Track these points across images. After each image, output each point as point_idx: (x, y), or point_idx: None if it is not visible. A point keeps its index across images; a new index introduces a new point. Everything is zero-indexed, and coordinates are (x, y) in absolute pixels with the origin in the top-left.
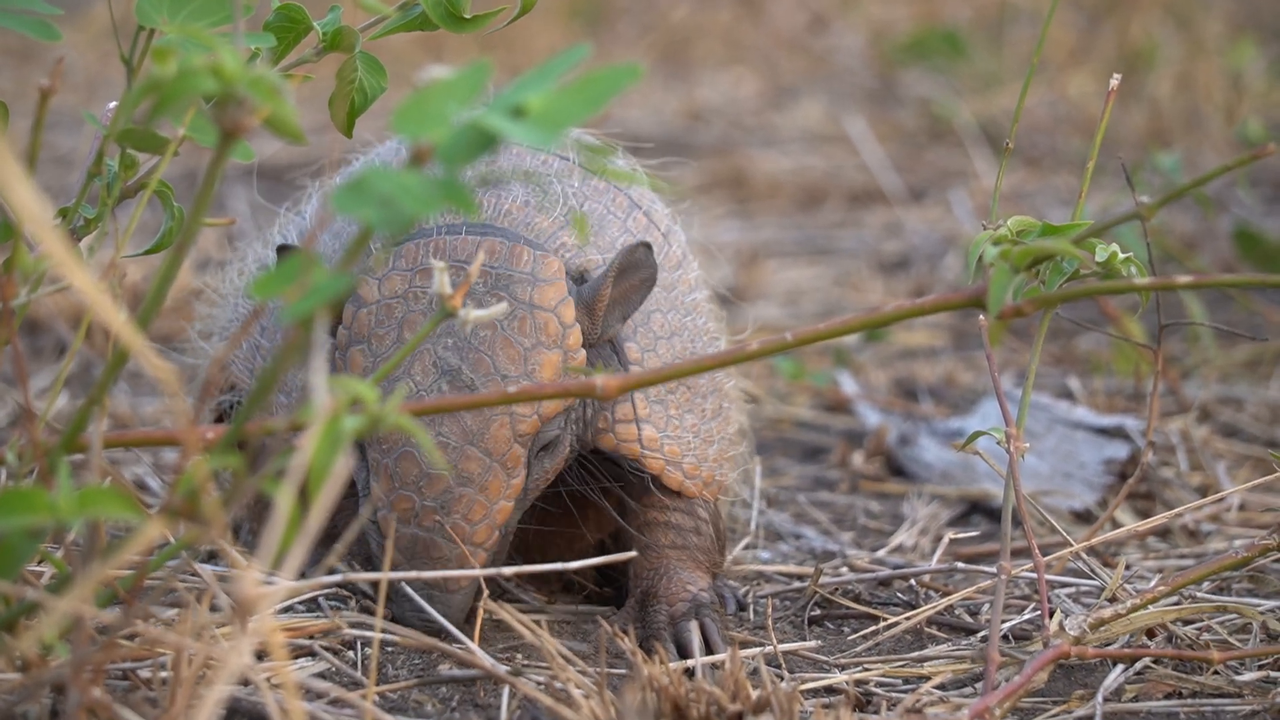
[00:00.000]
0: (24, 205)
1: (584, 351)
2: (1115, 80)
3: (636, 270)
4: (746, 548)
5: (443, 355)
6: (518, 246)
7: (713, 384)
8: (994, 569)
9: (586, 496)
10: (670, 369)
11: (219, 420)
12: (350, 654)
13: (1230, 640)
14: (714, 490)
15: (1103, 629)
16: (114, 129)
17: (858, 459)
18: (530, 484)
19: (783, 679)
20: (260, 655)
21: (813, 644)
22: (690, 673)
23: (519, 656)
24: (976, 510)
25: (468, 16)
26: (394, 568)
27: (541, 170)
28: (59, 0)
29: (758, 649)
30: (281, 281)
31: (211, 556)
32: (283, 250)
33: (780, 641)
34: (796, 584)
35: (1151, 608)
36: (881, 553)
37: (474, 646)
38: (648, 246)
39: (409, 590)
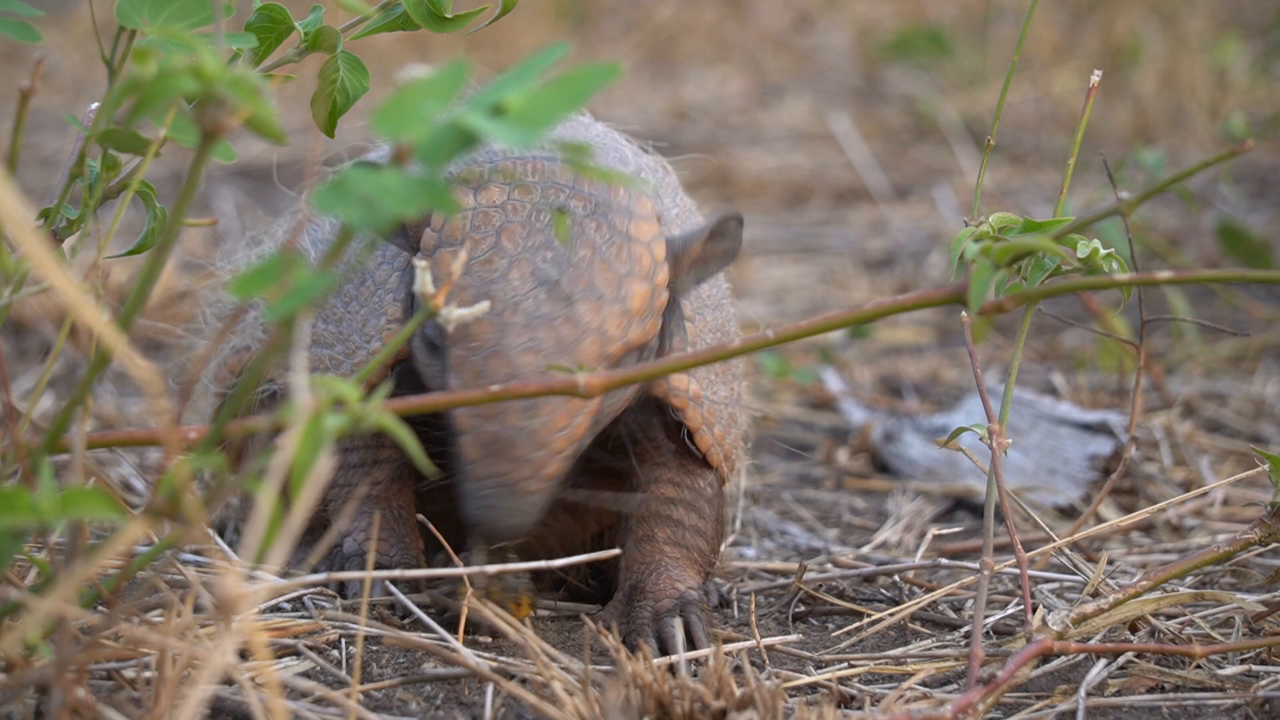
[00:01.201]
0: (4, 206)
1: (667, 294)
2: (1096, 77)
3: (724, 239)
4: (731, 544)
5: (541, 266)
6: (615, 183)
7: (738, 368)
8: (977, 565)
9: (589, 485)
10: (654, 366)
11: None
12: (335, 653)
13: (1212, 634)
14: (730, 465)
15: (1085, 624)
16: (95, 130)
17: (842, 456)
18: (602, 412)
19: (766, 675)
20: (244, 654)
21: (795, 638)
22: (674, 670)
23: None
24: (961, 506)
25: (449, 16)
26: (470, 462)
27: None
28: (43, 1)
29: (742, 644)
30: (263, 280)
31: (199, 554)
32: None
33: (764, 638)
34: (781, 581)
35: (1133, 602)
36: (866, 549)
37: (458, 644)
38: (739, 220)
39: (479, 488)
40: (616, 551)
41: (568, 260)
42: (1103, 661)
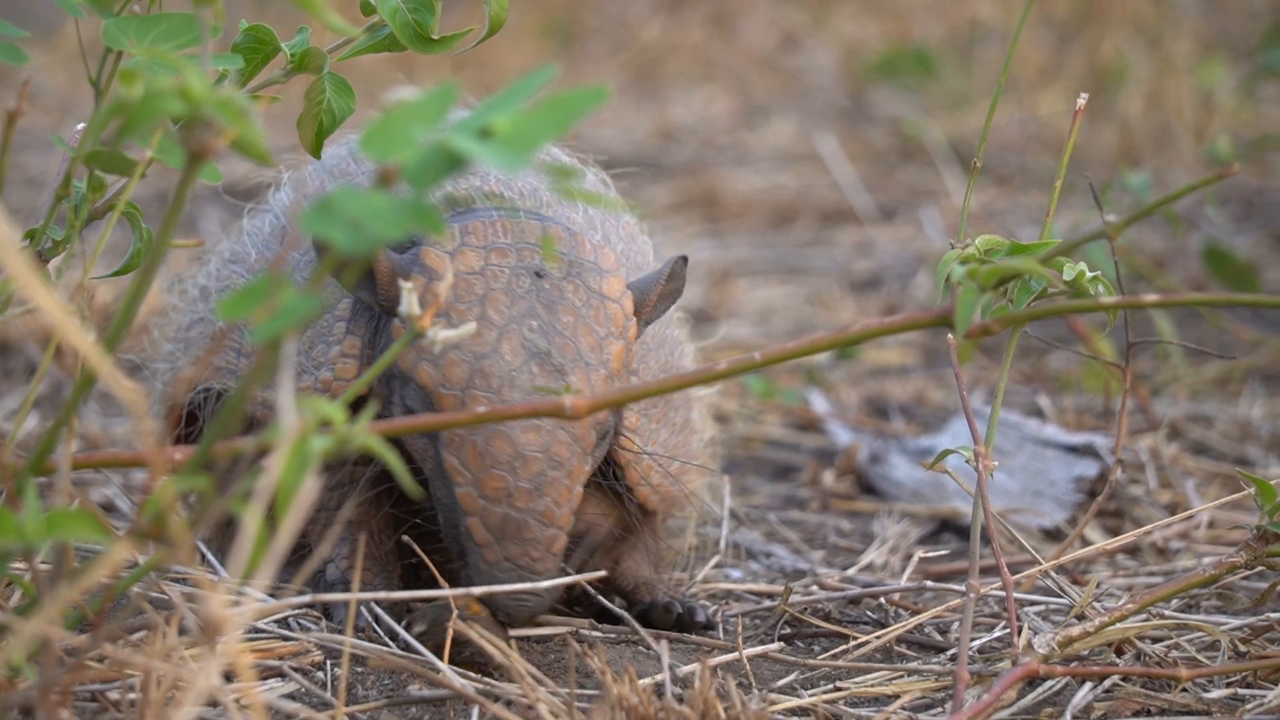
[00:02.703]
0: None
1: (634, 348)
2: (1083, 100)
3: (674, 280)
4: (716, 566)
5: (529, 337)
6: (579, 235)
7: (684, 395)
8: (963, 587)
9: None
10: (639, 388)
11: (192, 417)
12: (320, 674)
13: (1198, 658)
14: (667, 505)
15: (1071, 647)
16: (81, 151)
17: (828, 477)
18: (585, 473)
19: (753, 698)
20: (229, 676)
21: (777, 645)
22: (660, 692)
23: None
24: (947, 528)
25: (436, 37)
26: (483, 548)
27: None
28: (31, 22)
29: (728, 655)
30: (250, 302)
31: (185, 576)
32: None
33: (749, 662)
34: (767, 603)
35: (1119, 625)
36: (851, 571)
37: (443, 666)
38: (685, 260)
39: (494, 575)
40: (603, 573)
41: (554, 328)
42: (1089, 685)
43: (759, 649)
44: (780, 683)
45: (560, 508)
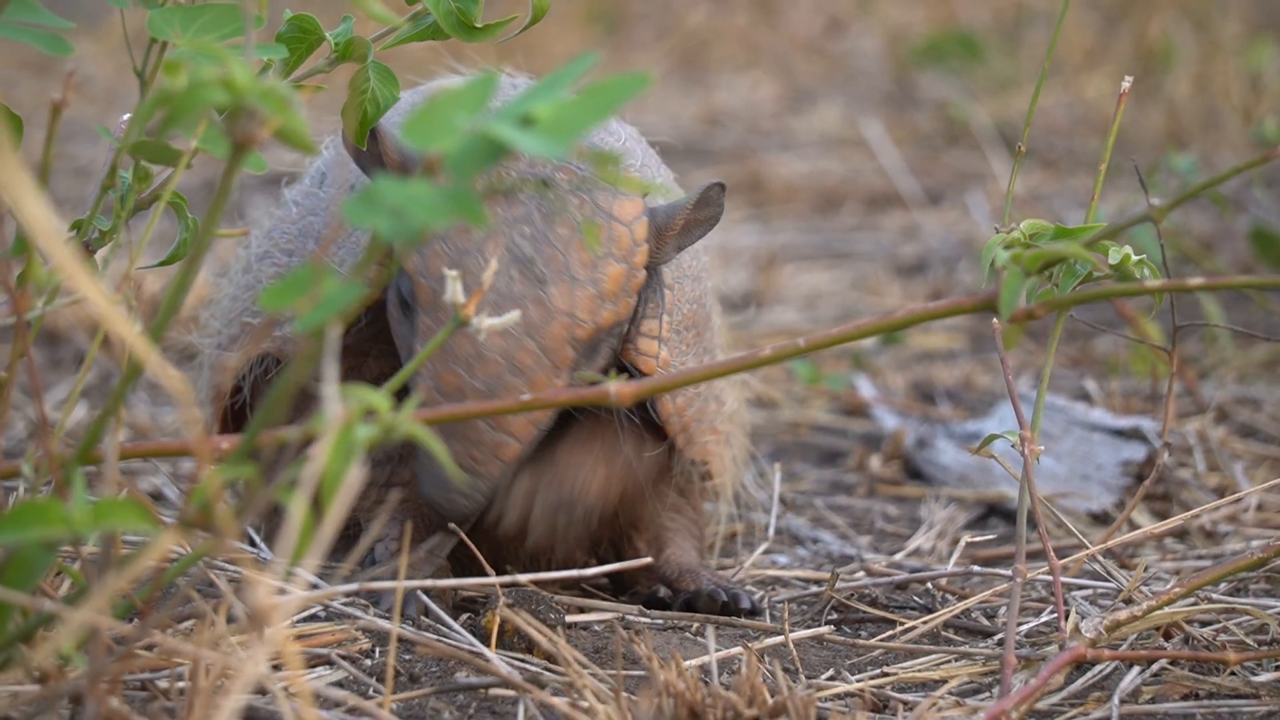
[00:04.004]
0: (36, 218)
1: (644, 273)
2: (1128, 82)
3: (708, 206)
4: (764, 552)
5: (518, 242)
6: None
7: (713, 343)
8: (1010, 572)
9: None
10: (685, 374)
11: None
12: (367, 662)
13: (1247, 641)
14: (686, 438)
15: (1119, 631)
16: (127, 141)
17: (875, 462)
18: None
19: (798, 678)
20: (277, 664)
21: (826, 629)
22: (707, 678)
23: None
24: (994, 513)
25: (479, 25)
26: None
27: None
28: (76, 13)
29: (774, 639)
30: (294, 291)
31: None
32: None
33: (796, 647)
34: (814, 588)
35: (1167, 609)
36: (899, 556)
37: (491, 654)
38: (721, 187)
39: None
40: (649, 560)
41: (545, 237)
42: (1136, 668)
43: (806, 632)
44: (827, 668)
45: (515, 415)
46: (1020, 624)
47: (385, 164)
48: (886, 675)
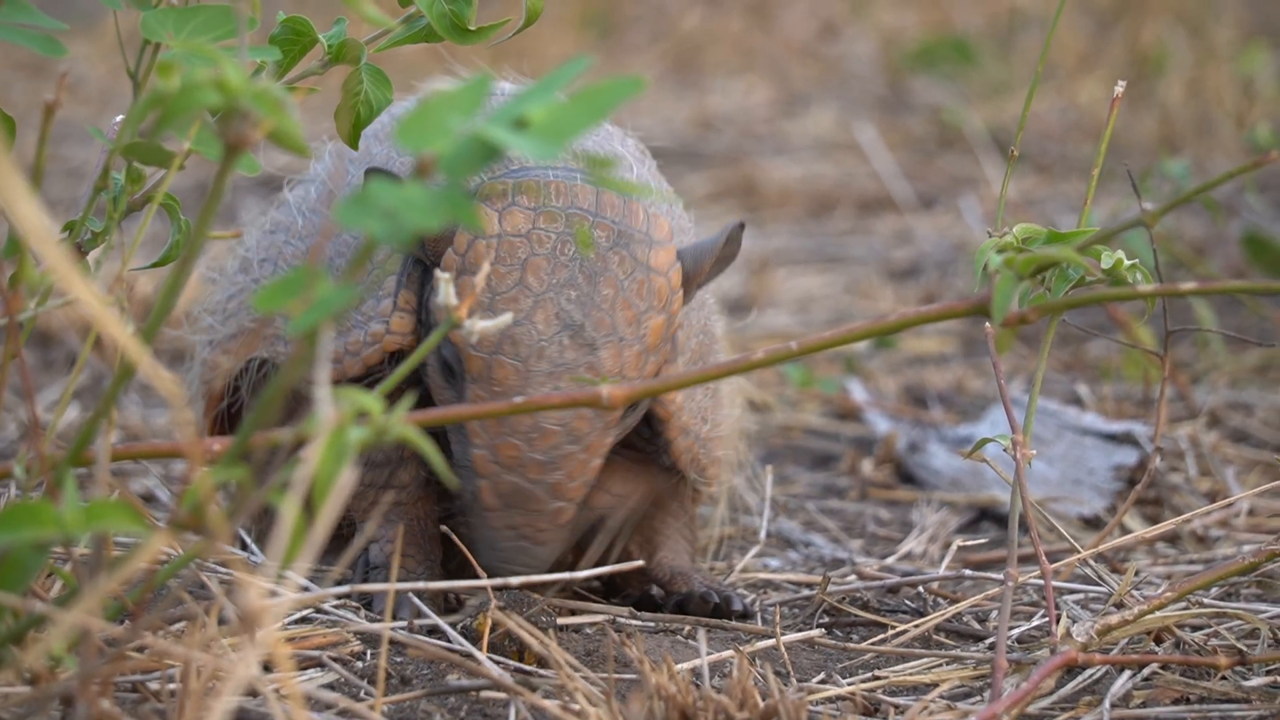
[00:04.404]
0: (29, 220)
1: (679, 318)
2: (1121, 87)
3: (731, 245)
4: (756, 556)
5: (565, 308)
6: (633, 204)
7: (713, 359)
8: (1002, 576)
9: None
10: (678, 378)
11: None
12: (359, 664)
13: (1238, 646)
14: (704, 468)
15: (1110, 635)
16: (120, 143)
17: (867, 466)
18: (614, 438)
19: (789, 682)
20: (268, 666)
21: (817, 631)
22: (698, 681)
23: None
24: (986, 517)
25: (473, 28)
26: (489, 511)
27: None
28: (71, 14)
29: (766, 642)
30: (286, 293)
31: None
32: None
33: (787, 650)
34: (805, 592)
35: (1158, 613)
36: (890, 560)
37: (482, 656)
38: (742, 225)
39: (498, 539)
40: (640, 563)
41: (592, 301)
42: (1127, 673)
43: (798, 635)
44: (819, 672)
45: (573, 481)
46: (1012, 628)
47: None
48: (878, 679)
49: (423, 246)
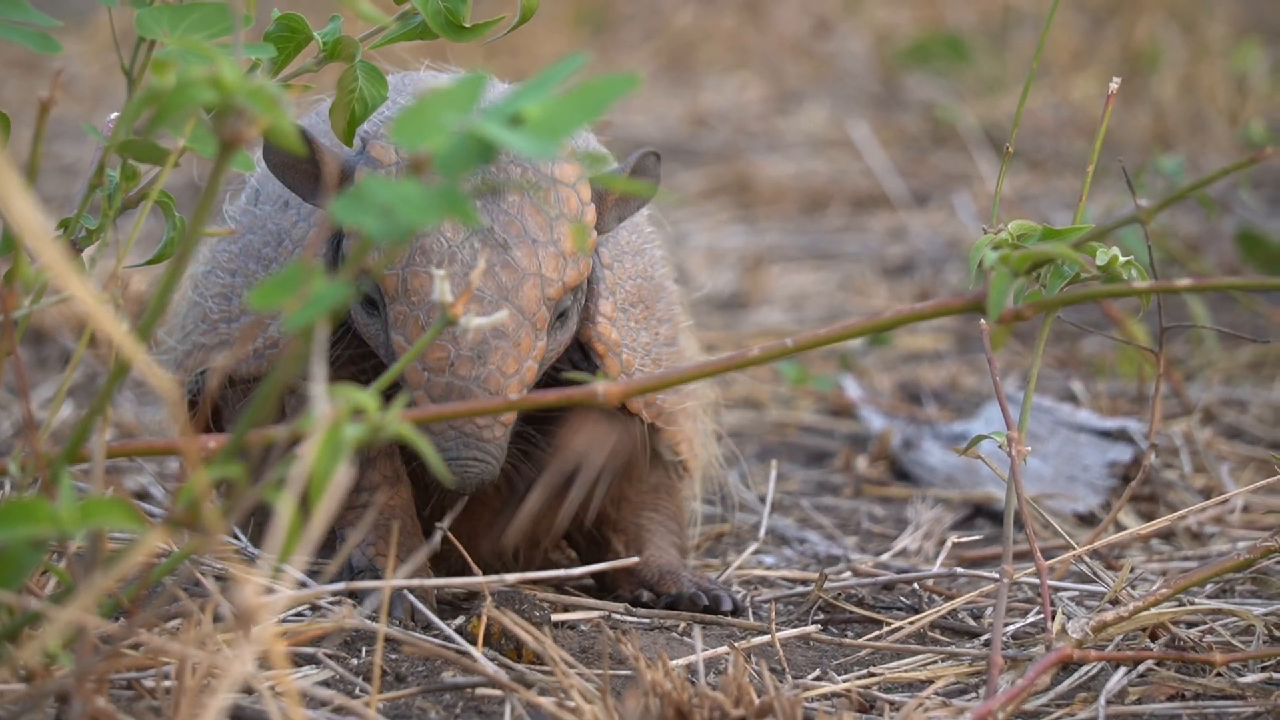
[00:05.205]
0: (23, 217)
1: (596, 233)
2: (1115, 84)
3: (644, 175)
4: (752, 553)
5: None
6: None
7: (668, 313)
8: (997, 573)
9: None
10: (672, 374)
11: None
12: (354, 661)
13: (1233, 642)
14: (653, 413)
15: (1105, 631)
16: (115, 140)
17: (862, 463)
18: (548, 353)
19: (784, 680)
20: (263, 663)
21: (814, 628)
22: (693, 678)
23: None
24: (980, 514)
25: (468, 25)
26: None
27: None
28: (61, 11)
29: (761, 639)
30: (281, 291)
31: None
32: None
33: (783, 647)
34: (800, 589)
35: (1153, 610)
36: (885, 557)
37: (477, 653)
38: (657, 156)
39: (436, 437)
40: (635, 560)
41: (498, 207)
42: (1123, 669)
43: (793, 632)
44: (814, 668)
45: (507, 377)
46: (1007, 625)
47: (321, 173)
48: (873, 675)
49: (315, 190)
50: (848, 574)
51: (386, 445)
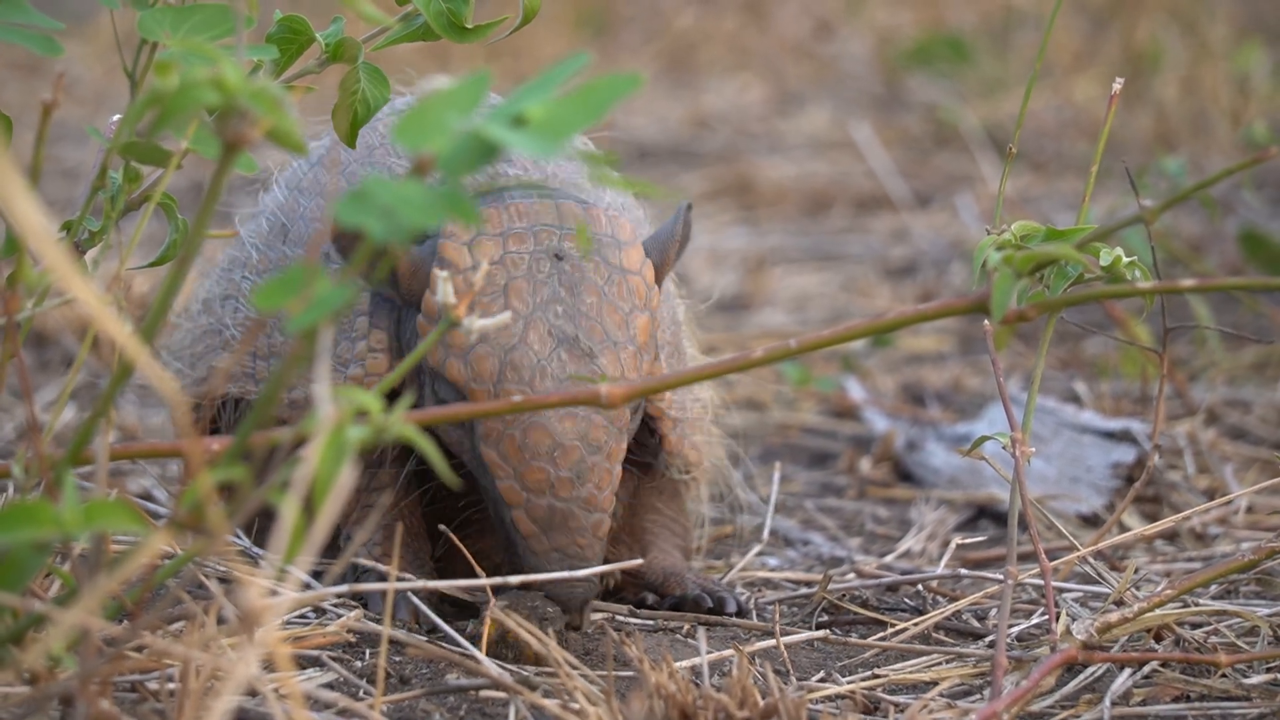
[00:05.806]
0: (26, 219)
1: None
2: (1118, 85)
3: (686, 229)
4: (756, 554)
5: (555, 323)
6: (594, 209)
7: (676, 346)
8: (1001, 574)
9: None
10: (674, 376)
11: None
12: (358, 664)
13: (1238, 643)
14: (700, 464)
15: (1110, 633)
16: (117, 142)
17: (865, 465)
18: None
19: (789, 682)
20: (267, 666)
21: (820, 632)
22: (698, 680)
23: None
24: (984, 515)
25: (470, 26)
26: (529, 538)
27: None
28: (66, 14)
29: (765, 641)
30: (285, 291)
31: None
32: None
33: (787, 649)
34: (804, 590)
35: (1158, 611)
36: (889, 558)
37: (481, 656)
38: (690, 207)
39: (544, 567)
40: (639, 562)
41: (579, 311)
42: (1128, 670)
43: (798, 636)
44: (818, 670)
45: (602, 491)
46: (1011, 626)
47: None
48: (878, 677)
49: (394, 285)
50: (852, 575)
51: (395, 448)
